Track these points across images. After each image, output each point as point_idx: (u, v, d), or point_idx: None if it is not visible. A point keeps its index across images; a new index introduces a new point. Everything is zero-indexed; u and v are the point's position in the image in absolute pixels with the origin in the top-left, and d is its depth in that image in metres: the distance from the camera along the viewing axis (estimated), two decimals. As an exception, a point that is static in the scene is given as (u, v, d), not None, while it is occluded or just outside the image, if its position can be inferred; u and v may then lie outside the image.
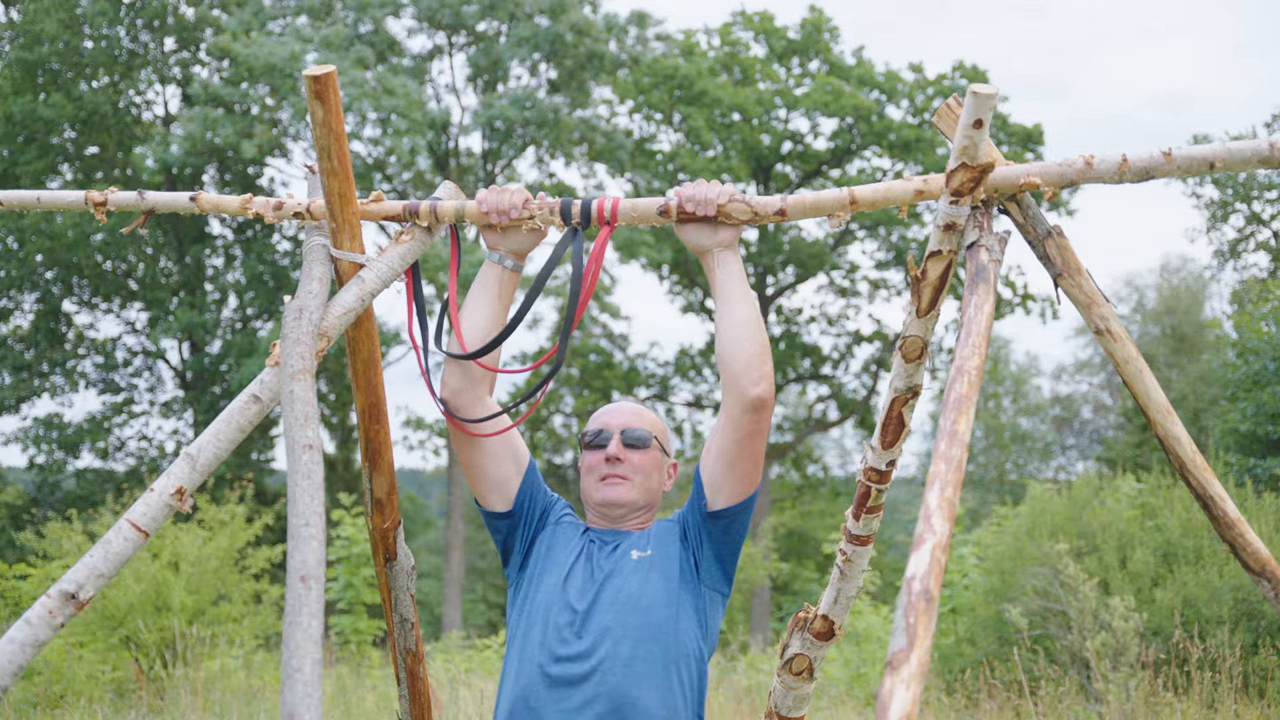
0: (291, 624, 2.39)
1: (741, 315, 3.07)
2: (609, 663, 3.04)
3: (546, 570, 3.23)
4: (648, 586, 3.13)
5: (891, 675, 2.21)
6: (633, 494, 3.25)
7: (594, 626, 3.09)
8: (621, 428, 3.28)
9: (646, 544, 3.22)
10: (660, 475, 3.32)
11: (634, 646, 3.06)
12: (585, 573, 3.18)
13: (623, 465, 3.24)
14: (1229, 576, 9.65)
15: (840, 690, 10.80)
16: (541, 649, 3.10)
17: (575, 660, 3.06)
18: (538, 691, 3.05)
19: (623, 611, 3.09)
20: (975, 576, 11.76)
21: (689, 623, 3.15)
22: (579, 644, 3.08)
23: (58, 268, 26.60)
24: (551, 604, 3.15)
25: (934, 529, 2.43)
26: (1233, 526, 2.85)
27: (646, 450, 3.27)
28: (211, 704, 9.39)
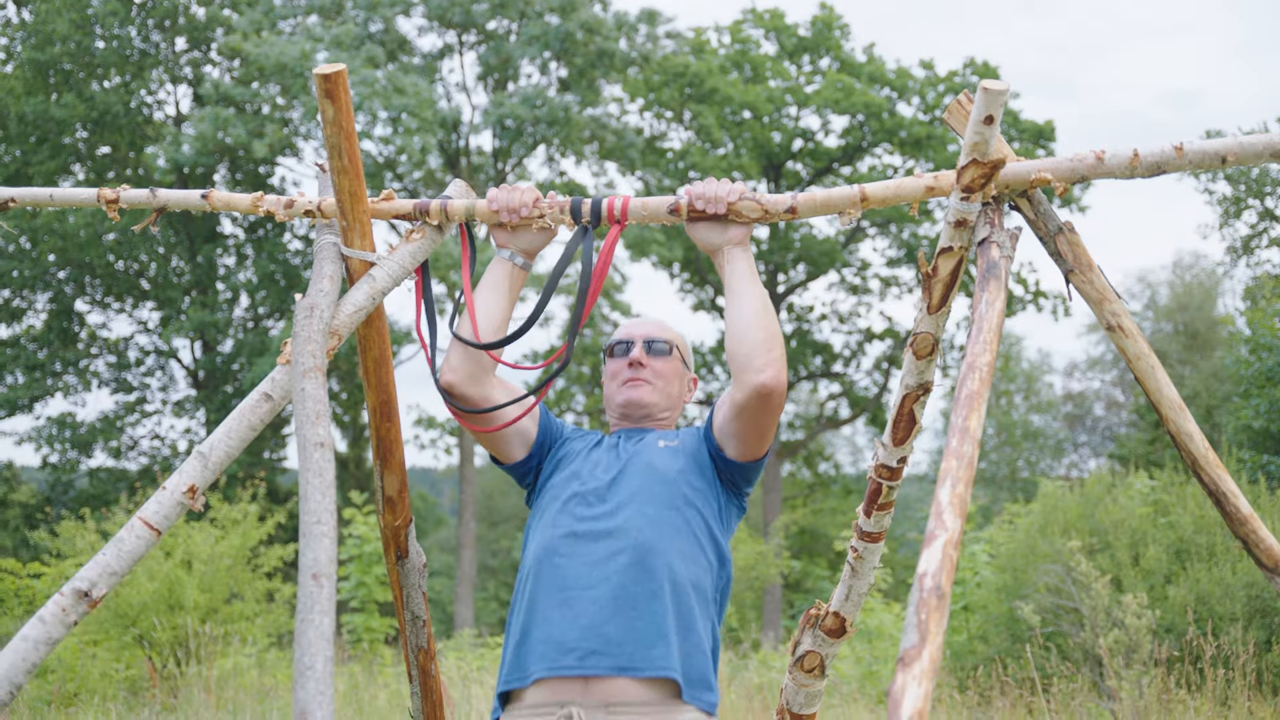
0: (304, 621, 2.39)
1: (749, 307, 3.08)
2: (635, 520, 3.05)
3: (560, 465, 3.27)
4: (674, 465, 3.17)
5: (903, 671, 2.20)
6: (654, 396, 3.29)
7: (620, 491, 3.12)
8: (645, 337, 3.32)
9: (674, 437, 3.26)
10: (681, 385, 3.37)
11: (660, 511, 3.09)
12: (610, 456, 3.22)
13: (645, 370, 3.28)
14: (1242, 573, 9.62)
15: (852, 687, 10.79)
16: (564, 515, 3.11)
17: (600, 518, 3.08)
18: (562, 548, 3.06)
19: (649, 479, 3.12)
20: (987, 574, 11.74)
21: (710, 507, 3.18)
22: (603, 505, 3.10)
23: (70, 267, 26.67)
24: (576, 482, 3.17)
25: (946, 525, 2.43)
26: (1245, 523, 2.84)
27: (668, 358, 3.32)
28: (225, 702, 9.41)
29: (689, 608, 3.03)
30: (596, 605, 2.97)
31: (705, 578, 3.11)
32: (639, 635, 2.95)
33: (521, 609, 3.07)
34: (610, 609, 2.96)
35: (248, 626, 11.87)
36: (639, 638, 2.95)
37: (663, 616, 2.97)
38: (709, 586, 3.12)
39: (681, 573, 3.04)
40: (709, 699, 3.00)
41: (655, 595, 2.98)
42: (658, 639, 2.96)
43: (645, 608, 2.97)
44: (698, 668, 3.01)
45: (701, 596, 3.07)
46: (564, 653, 2.95)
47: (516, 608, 3.10)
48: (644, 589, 2.99)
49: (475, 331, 3.18)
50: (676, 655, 2.97)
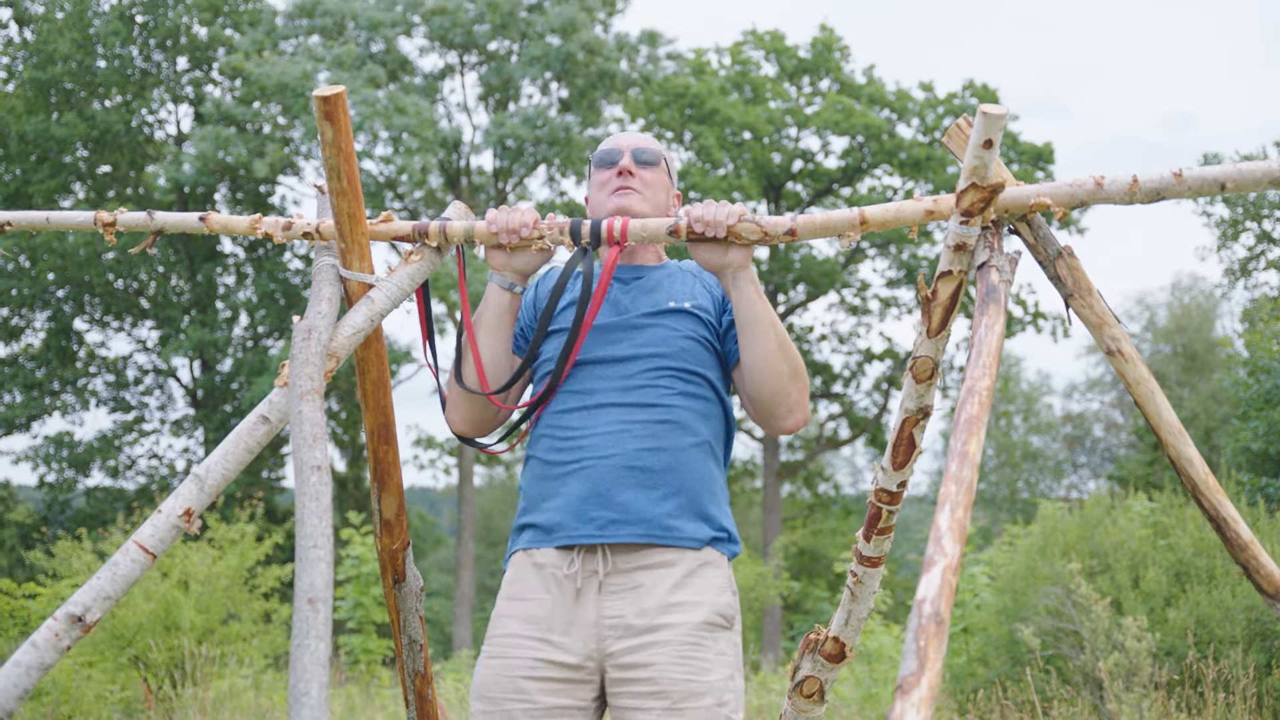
0: (299, 646, 2.38)
1: (763, 342, 3.04)
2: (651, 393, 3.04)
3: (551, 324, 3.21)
4: (685, 329, 3.14)
5: (902, 699, 2.19)
6: (643, 205, 3.24)
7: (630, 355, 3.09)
8: (632, 146, 3.29)
9: (686, 295, 3.21)
10: (667, 197, 3.32)
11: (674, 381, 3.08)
12: (611, 309, 3.18)
13: (633, 179, 3.24)
14: (1242, 596, 9.59)
15: (851, 710, 10.75)
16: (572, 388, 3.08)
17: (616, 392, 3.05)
18: (574, 421, 3.04)
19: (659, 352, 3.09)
20: (986, 596, 11.71)
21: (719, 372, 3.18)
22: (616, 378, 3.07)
23: (69, 286, 26.68)
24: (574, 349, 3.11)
25: (945, 551, 2.41)
26: (1246, 548, 2.83)
27: (656, 168, 3.28)
28: (221, 723, 9.38)
29: (708, 469, 3.05)
30: (613, 473, 2.97)
31: (719, 435, 3.14)
32: (661, 503, 2.96)
33: (534, 478, 3.09)
34: (630, 476, 2.97)
35: (244, 647, 11.83)
36: (661, 505, 2.96)
37: (684, 484, 2.99)
38: (720, 443, 3.16)
39: (700, 434, 3.06)
40: (733, 549, 3.06)
41: (674, 464, 3.00)
42: (680, 507, 2.98)
43: (665, 476, 2.99)
44: (720, 524, 3.04)
45: (715, 454, 3.11)
46: (583, 521, 2.96)
47: (528, 476, 3.12)
48: (663, 458, 2.99)
49: (482, 379, 3.16)
50: (700, 519, 2.99)
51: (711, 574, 3.04)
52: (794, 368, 3.06)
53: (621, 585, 2.97)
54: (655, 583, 2.97)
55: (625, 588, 2.97)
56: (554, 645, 2.97)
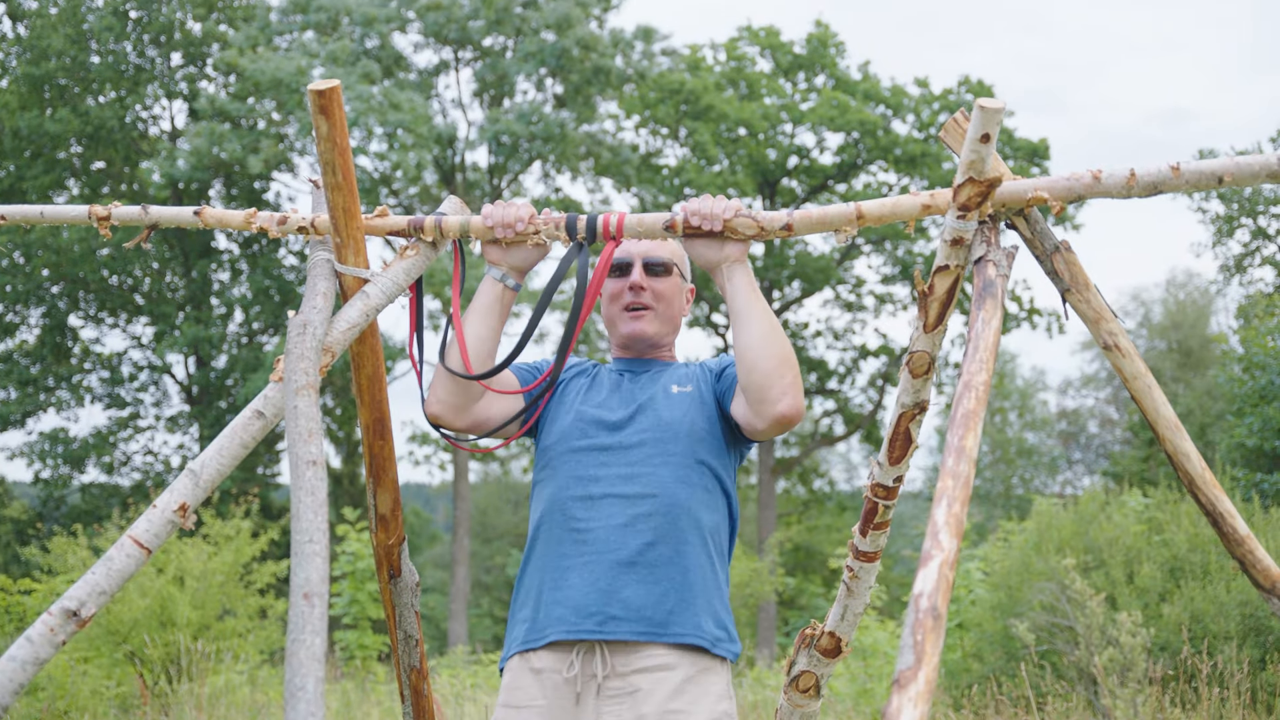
0: (295, 642, 2.37)
1: (755, 330, 3.03)
2: (655, 483, 3.01)
3: (561, 411, 3.22)
4: (687, 417, 3.13)
5: (899, 693, 2.19)
6: (655, 325, 3.26)
7: (635, 447, 3.07)
8: (642, 255, 3.28)
9: (688, 381, 3.23)
10: (680, 300, 3.33)
11: (676, 471, 3.05)
12: (617, 399, 3.19)
13: (645, 294, 3.24)
14: (1236, 592, 9.60)
15: (847, 705, 10.75)
16: (576, 474, 3.06)
17: (619, 480, 3.02)
18: (578, 512, 3.00)
19: (664, 435, 3.09)
20: (981, 592, 11.72)
21: (723, 459, 3.17)
22: (619, 465, 3.05)
23: (64, 282, 26.65)
24: (578, 433, 3.12)
25: (942, 545, 2.41)
26: (1242, 543, 2.83)
27: (668, 277, 3.28)
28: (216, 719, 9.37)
29: (710, 565, 3.02)
30: (616, 569, 2.94)
31: (722, 529, 3.12)
32: (662, 600, 2.92)
33: (535, 569, 3.03)
34: (630, 573, 2.93)
35: (240, 643, 11.82)
36: (662, 602, 2.92)
37: (685, 579, 2.95)
38: (724, 538, 3.13)
39: (703, 527, 3.03)
40: (733, 649, 3.03)
41: (676, 558, 2.96)
42: (681, 604, 2.94)
43: (666, 572, 2.94)
44: (721, 622, 3.01)
45: (719, 548, 3.08)
46: (583, 616, 2.92)
47: (530, 568, 3.06)
48: (665, 553, 2.96)
49: (466, 362, 3.15)
50: (700, 616, 2.96)
51: (710, 681, 2.99)
52: (784, 354, 3.05)
53: (620, 689, 2.93)
54: (653, 688, 2.93)
55: (623, 692, 2.92)
56: None
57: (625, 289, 3.25)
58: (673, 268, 3.29)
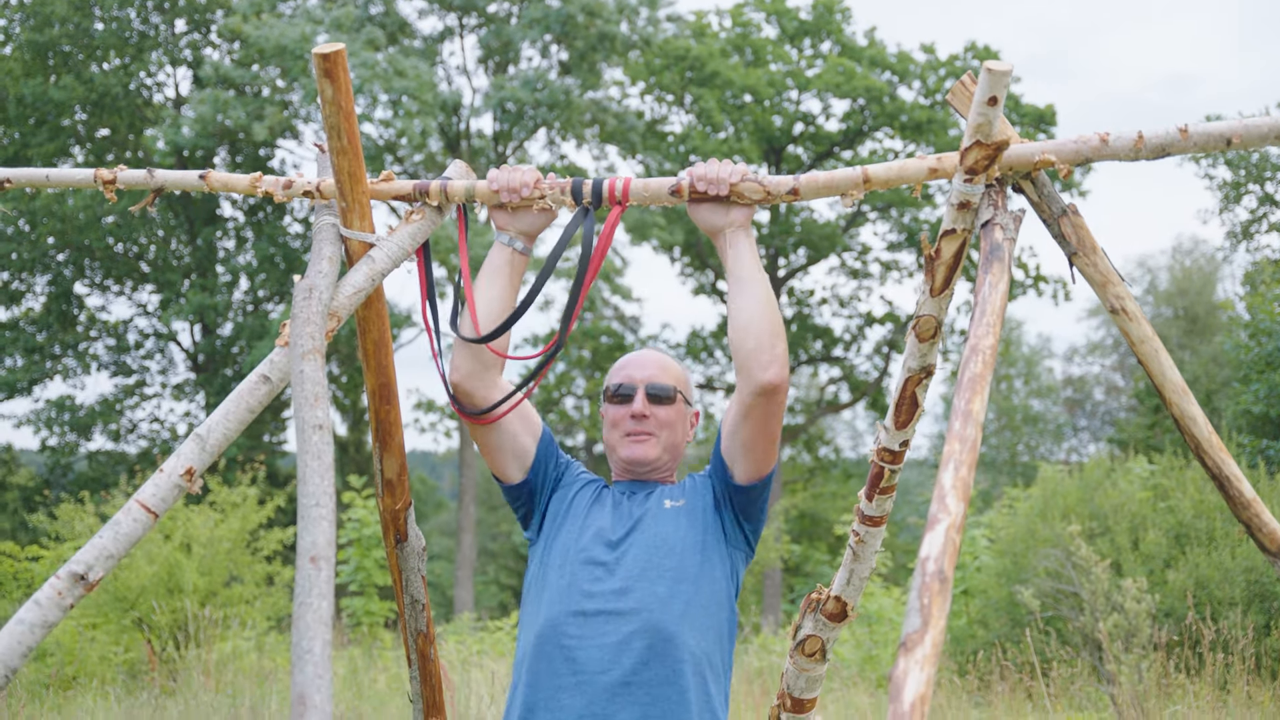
0: (302, 605, 2.38)
1: (753, 298, 3.03)
2: (648, 600, 2.98)
3: (566, 521, 3.18)
4: (680, 532, 3.10)
5: (906, 656, 2.19)
6: (657, 450, 3.22)
7: (628, 564, 3.04)
8: (645, 382, 3.23)
9: (680, 495, 3.19)
10: (684, 426, 3.29)
11: (670, 587, 3.01)
12: (615, 517, 3.14)
13: (648, 421, 3.20)
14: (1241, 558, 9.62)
15: (852, 672, 10.79)
16: (571, 589, 3.02)
17: (612, 596, 3.00)
18: (570, 627, 2.97)
19: (657, 553, 3.05)
20: (987, 559, 11.75)
21: (720, 570, 3.12)
22: (613, 580, 3.01)
23: (69, 250, 26.64)
24: (576, 547, 3.09)
25: (948, 509, 2.41)
26: (1249, 506, 2.82)
27: (671, 404, 3.23)
28: (224, 685, 9.42)
29: (704, 687, 2.97)
30: (608, 692, 2.90)
31: (717, 649, 3.05)
32: None
33: (524, 686, 2.99)
34: (623, 696, 2.90)
35: (247, 610, 11.88)
36: None
37: (678, 703, 2.91)
38: (721, 657, 3.07)
39: (696, 652, 2.97)
40: None
41: (669, 680, 2.91)
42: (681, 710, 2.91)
43: (660, 694, 2.90)
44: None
45: (714, 670, 3.01)
46: None
47: (519, 685, 3.02)
48: (658, 674, 2.91)
49: (475, 325, 3.14)
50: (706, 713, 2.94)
51: None
52: (777, 325, 3.04)
53: None
54: None
55: None
56: None
57: (626, 417, 3.21)
58: (676, 395, 3.25)
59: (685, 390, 3.30)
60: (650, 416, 3.20)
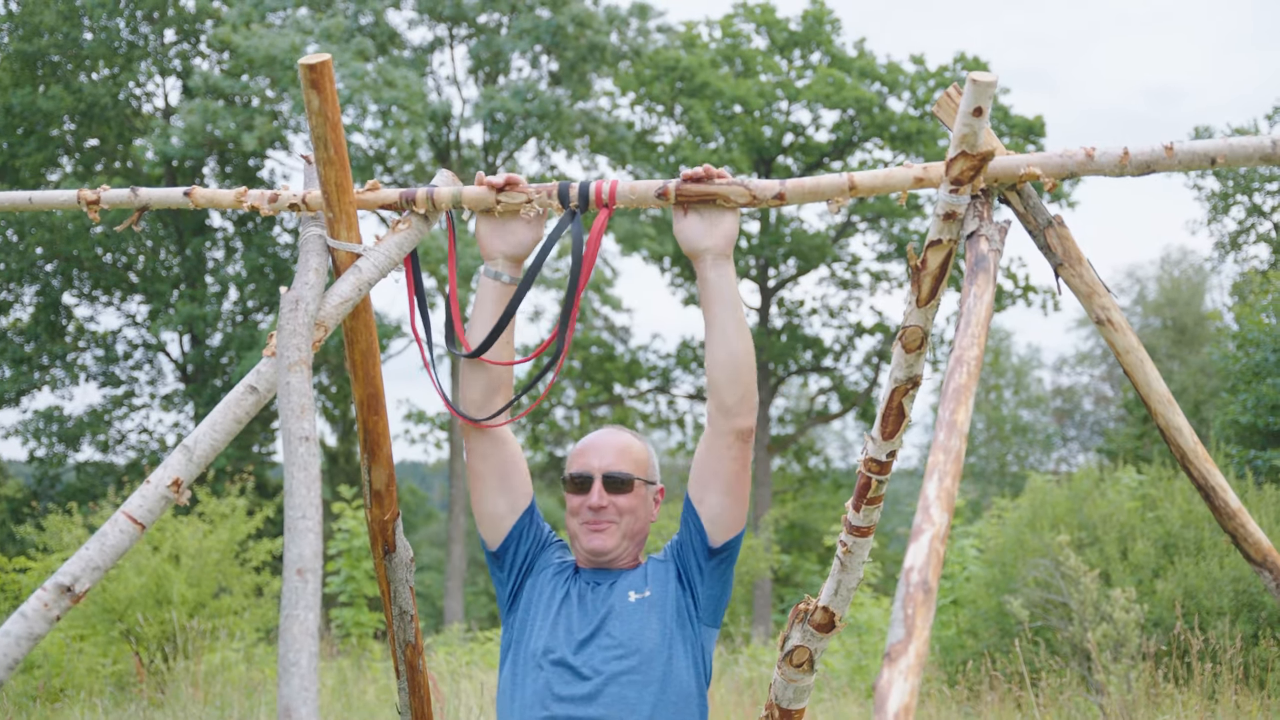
0: (289, 617, 2.38)
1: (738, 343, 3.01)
2: (616, 707, 2.98)
3: (535, 615, 3.15)
4: (647, 630, 3.07)
5: (890, 667, 2.19)
6: (616, 539, 3.16)
7: (596, 666, 3.03)
8: (603, 471, 3.17)
9: (644, 584, 3.15)
10: (645, 509, 3.23)
11: (639, 691, 2.99)
12: (580, 614, 3.12)
13: (605, 511, 3.15)
14: (1230, 568, 9.64)
15: (842, 682, 10.79)
16: (544, 692, 3.01)
17: (582, 701, 3.00)
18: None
19: (623, 655, 3.03)
20: (975, 569, 11.75)
21: (687, 661, 3.10)
22: (583, 685, 3.01)
23: (57, 260, 26.59)
24: (546, 648, 3.08)
25: (933, 520, 2.42)
26: (1234, 517, 2.83)
27: (630, 494, 3.17)
28: (212, 697, 9.39)
29: None
30: None
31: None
32: None
33: None
34: None
35: (235, 621, 11.84)
36: None
37: None
38: None
39: None
40: None
41: None
42: None
43: None
44: None
45: None
46: None
47: None
48: None
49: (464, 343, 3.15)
50: None
51: None
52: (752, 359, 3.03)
53: None
54: None
55: None
56: None
57: (585, 506, 3.17)
58: (633, 481, 3.19)
59: (645, 473, 3.23)
60: (608, 506, 3.15)
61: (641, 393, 32.04)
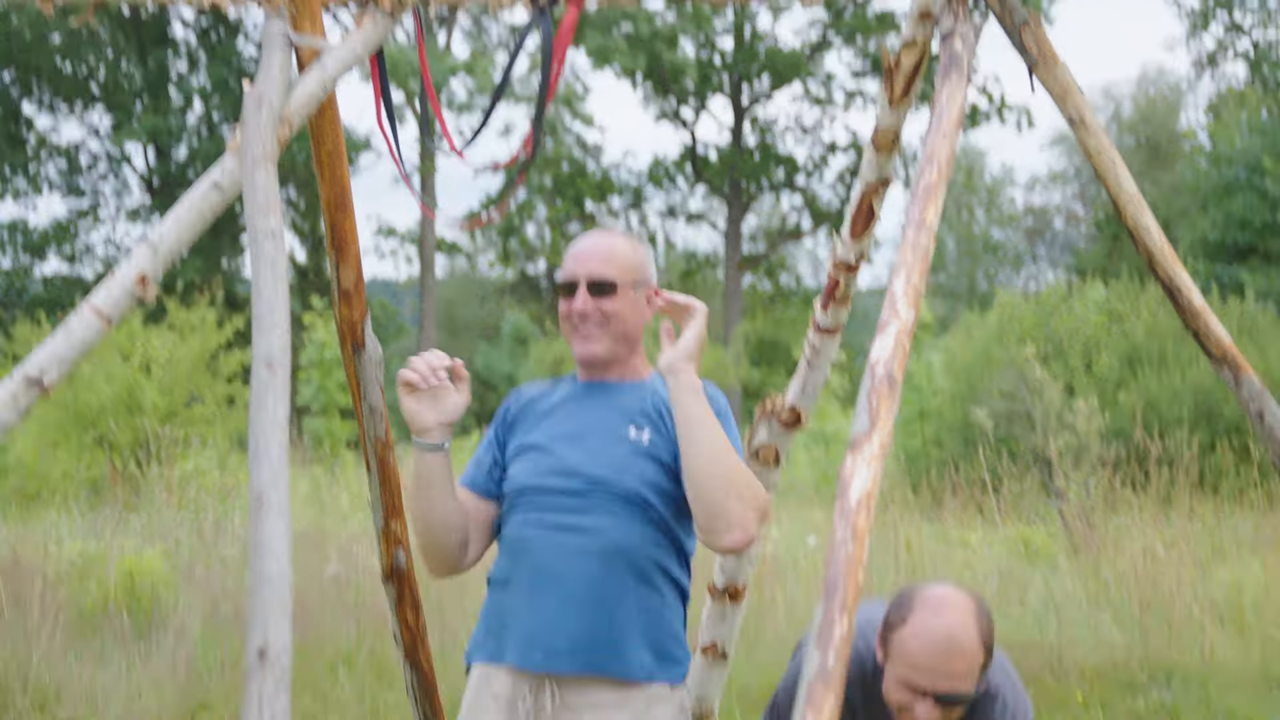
0: (258, 408, 2.39)
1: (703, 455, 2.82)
2: (604, 519, 2.89)
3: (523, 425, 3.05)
4: (637, 467, 2.94)
5: (853, 455, 2.23)
6: (605, 345, 3.01)
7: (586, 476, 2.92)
8: (587, 277, 3.01)
9: (645, 422, 3.00)
10: (636, 312, 3.04)
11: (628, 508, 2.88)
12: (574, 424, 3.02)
13: (591, 317, 3.00)
14: (1191, 379, 9.81)
15: (808, 489, 11.01)
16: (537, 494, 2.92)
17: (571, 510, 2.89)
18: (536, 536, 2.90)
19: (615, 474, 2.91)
20: (943, 382, 11.91)
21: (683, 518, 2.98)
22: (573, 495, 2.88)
23: (15, 68, 26.00)
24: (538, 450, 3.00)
25: (899, 314, 2.44)
26: (1198, 315, 2.86)
27: (615, 297, 3.01)
28: (186, 502, 9.49)
29: (659, 598, 2.95)
30: (566, 604, 2.87)
31: (674, 560, 2.96)
32: (607, 637, 2.88)
33: (496, 586, 3.00)
34: (578, 609, 2.88)
35: (208, 429, 11.93)
36: (608, 640, 2.88)
37: (632, 616, 2.89)
38: (678, 564, 2.99)
39: (651, 567, 2.93)
40: (679, 671, 2.94)
41: (623, 597, 2.90)
42: (623, 638, 2.90)
43: (615, 609, 2.88)
44: (666, 652, 2.96)
45: (670, 578, 2.99)
46: (531, 649, 2.90)
47: (497, 575, 3.01)
48: (613, 589, 2.89)
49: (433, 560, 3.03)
50: (643, 651, 2.93)
51: (660, 712, 2.92)
52: (732, 479, 2.81)
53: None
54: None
55: None
56: None
57: (572, 312, 3.01)
58: (618, 285, 3.01)
59: (633, 276, 3.05)
60: (594, 312, 3.01)
61: (613, 210, 31.90)
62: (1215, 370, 2.86)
